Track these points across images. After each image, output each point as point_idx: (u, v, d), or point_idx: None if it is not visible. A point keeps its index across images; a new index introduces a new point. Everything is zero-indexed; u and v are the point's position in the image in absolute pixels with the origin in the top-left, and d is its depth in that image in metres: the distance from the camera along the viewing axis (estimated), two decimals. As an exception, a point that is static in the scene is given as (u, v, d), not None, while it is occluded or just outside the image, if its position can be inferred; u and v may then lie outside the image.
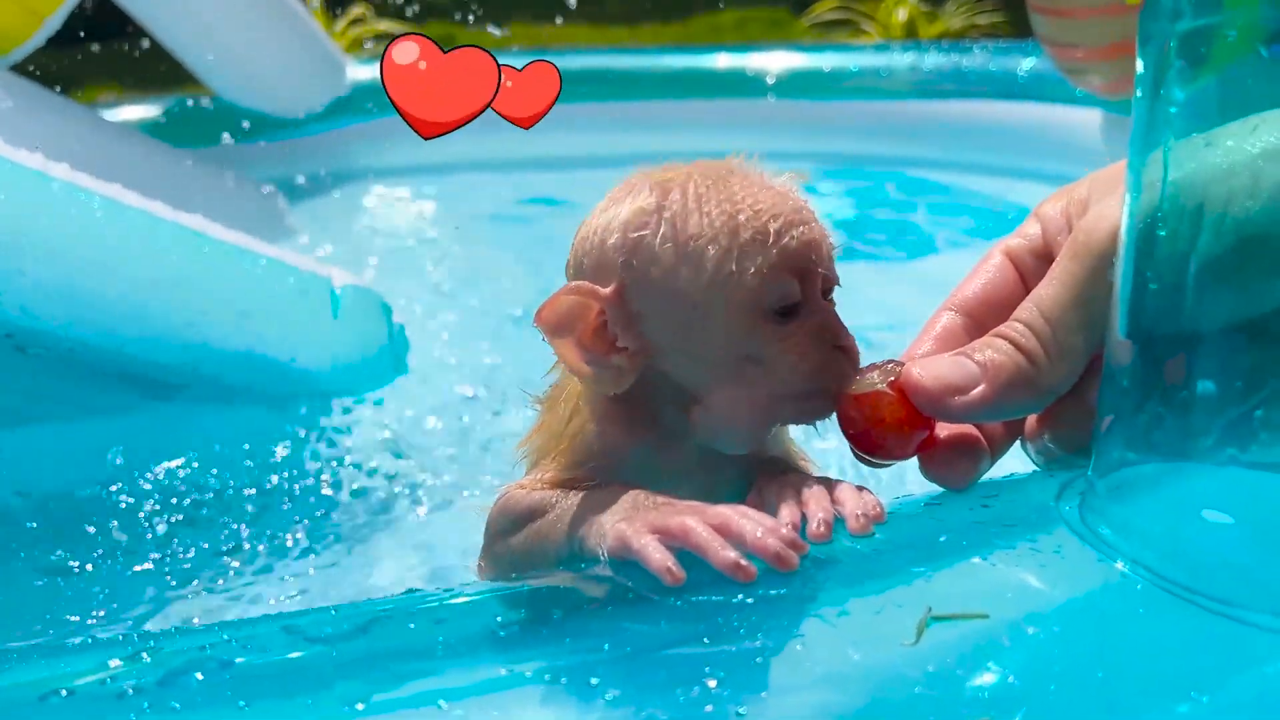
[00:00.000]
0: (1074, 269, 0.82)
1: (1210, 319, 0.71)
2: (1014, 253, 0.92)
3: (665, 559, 0.70)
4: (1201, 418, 0.72)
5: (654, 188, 0.87)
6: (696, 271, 0.83)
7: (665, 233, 0.84)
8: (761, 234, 0.83)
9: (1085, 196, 0.88)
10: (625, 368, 0.86)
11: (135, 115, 4.44)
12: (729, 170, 0.88)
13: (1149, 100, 0.74)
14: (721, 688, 0.63)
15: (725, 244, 0.83)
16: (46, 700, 0.64)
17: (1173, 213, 0.72)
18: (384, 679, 0.67)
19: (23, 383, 2.00)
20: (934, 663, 0.65)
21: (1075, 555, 0.75)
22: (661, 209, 0.85)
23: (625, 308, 0.86)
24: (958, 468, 0.85)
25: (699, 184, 0.86)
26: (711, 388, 0.86)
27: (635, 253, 0.85)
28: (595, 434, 0.91)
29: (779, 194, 0.87)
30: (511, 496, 0.93)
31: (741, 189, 0.86)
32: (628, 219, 0.86)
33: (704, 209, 0.84)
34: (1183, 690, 0.64)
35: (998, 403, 0.81)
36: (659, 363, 0.87)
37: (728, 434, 0.89)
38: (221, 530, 1.82)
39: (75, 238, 1.95)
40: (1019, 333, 0.81)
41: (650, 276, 0.85)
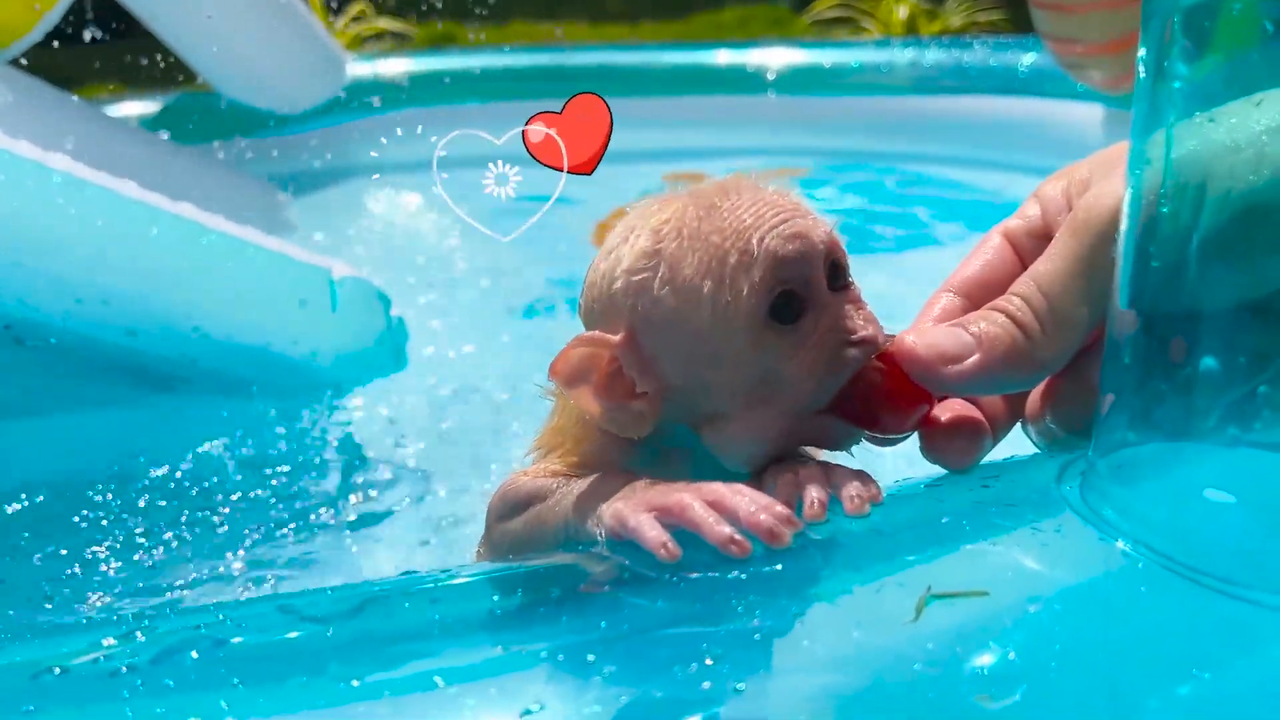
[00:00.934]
0: (1073, 245, 0.81)
1: (1213, 297, 0.71)
2: (1013, 234, 0.91)
3: (661, 535, 0.70)
4: (1204, 397, 0.71)
5: (650, 232, 0.86)
6: (697, 309, 0.83)
7: (663, 275, 0.84)
8: (746, 252, 0.82)
9: (1086, 176, 0.87)
10: (646, 412, 0.86)
11: (136, 111, 4.44)
12: (722, 193, 0.87)
13: (1152, 77, 0.73)
14: (719, 665, 0.63)
15: (717, 276, 0.82)
16: (39, 679, 0.63)
17: (1175, 189, 0.71)
18: (379, 659, 0.67)
19: (22, 375, 2.00)
20: (934, 641, 0.64)
21: (1076, 535, 0.74)
22: (658, 252, 0.85)
23: (638, 352, 0.86)
24: (958, 447, 0.84)
25: (690, 219, 0.85)
26: (734, 414, 0.85)
27: (640, 297, 0.85)
28: (600, 437, 0.91)
29: (764, 203, 0.85)
30: (513, 482, 0.93)
31: (729, 213, 0.84)
32: (630, 264, 0.85)
33: (694, 246, 0.84)
34: (1185, 669, 0.63)
35: (991, 374, 0.80)
36: (679, 399, 0.87)
37: (742, 456, 0.87)
38: (220, 521, 1.81)
39: (74, 230, 1.95)
40: (1015, 306, 0.81)
41: (656, 319, 0.84)
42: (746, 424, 0.85)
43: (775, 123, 4.56)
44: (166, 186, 2.16)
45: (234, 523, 1.81)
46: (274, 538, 1.77)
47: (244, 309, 2.07)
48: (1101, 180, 0.84)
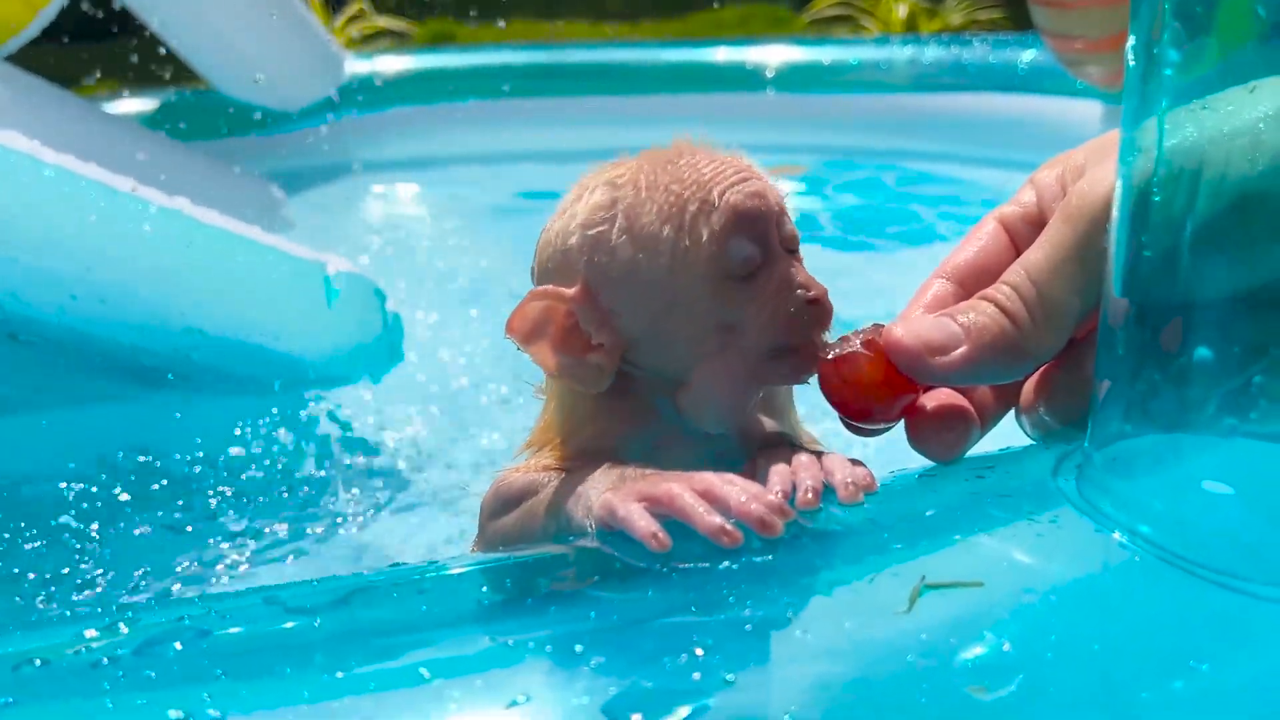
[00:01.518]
0: (1065, 232, 0.80)
1: (1208, 286, 0.70)
2: (1007, 220, 0.90)
3: (650, 525, 0.69)
4: (1200, 387, 0.70)
5: (606, 185, 0.88)
6: (654, 256, 0.84)
7: (621, 225, 0.85)
8: (706, 202, 0.84)
9: (1081, 163, 0.86)
10: (603, 364, 0.87)
11: (133, 109, 4.43)
12: (677, 153, 0.89)
13: (1142, 64, 0.72)
14: (710, 656, 0.62)
15: (676, 223, 0.84)
16: (19, 670, 0.63)
17: (1168, 177, 0.70)
18: (366, 650, 0.66)
19: (15, 371, 1.99)
20: (928, 632, 0.63)
21: (1073, 526, 0.73)
22: (615, 203, 0.86)
23: (594, 305, 0.87)
24: (944, 438, 0.83)
25: (648, 173, 0.87)
26: (692, 366, 0.86)
27: (596, 250, 0.86)
28: (590, 435, 0.91)
29: (722, 162, 0.87)
30: (504, 479, 0.93)
31: (687, 168, 0.86)
32: (585, 218, 0.87)
33: (654, 196, 0.85)
34: (1182, 661, 0.63)
35: (979, 365, 0.79)
36: (636, 354, 0.88)
37: (714, 410, 0.88)
38: (214, 517, 1.81)
39: (69, 226, 1.94)
40: (1004, 295, 0.80)
41: (613, 271, 0.86)
42: (707, 375, 0.85)
43: (775, 120, 4.55)
44: (163, 183, 2.15)
45: (228, 518, 1.81)
46: (268, 533, 1.76)
47: (239, 304, 2.06)
48: (1096, 166, 0.83)
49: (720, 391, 0.86)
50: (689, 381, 0.87)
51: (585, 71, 4.93)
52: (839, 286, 0.91)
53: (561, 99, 4.72)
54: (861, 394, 0.82)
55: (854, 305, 2.74)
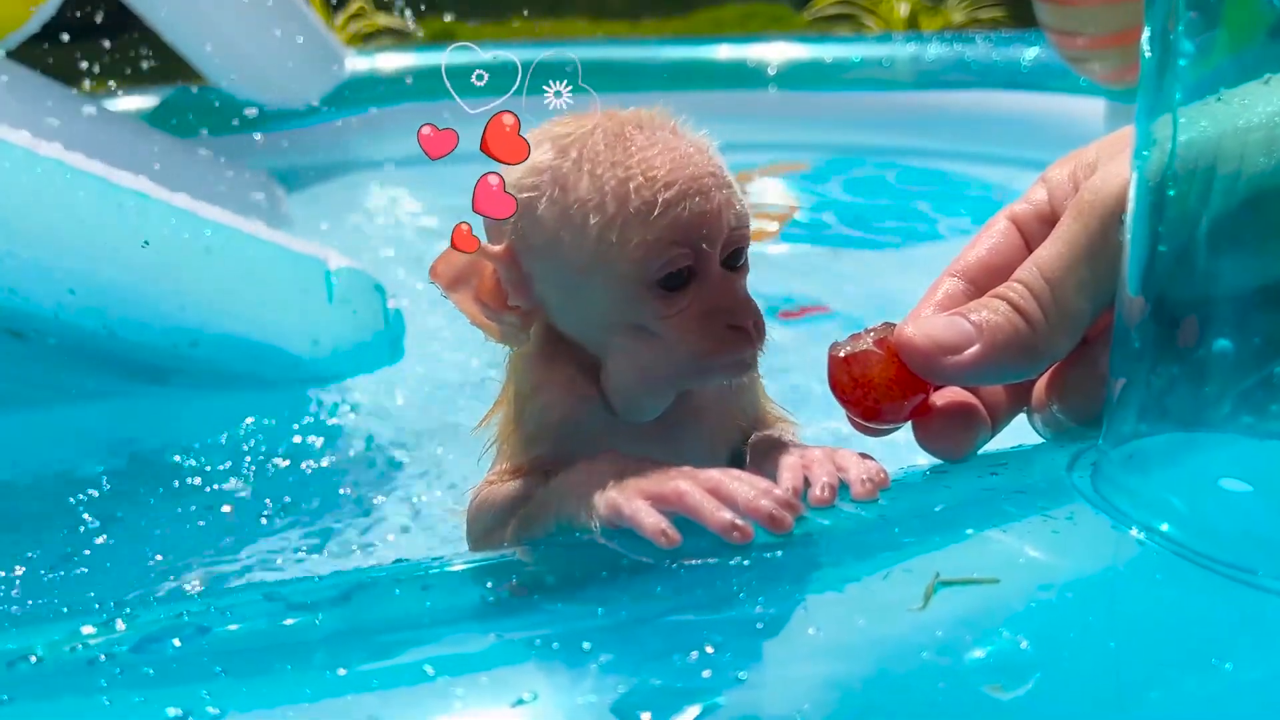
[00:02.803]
0: (1077, 229, 0.79)
1: (1224, 280, 0.69)
2: (1019, 218, 0.88)
3: (659, 522, 0.68)
4: (1217, 383, 0.69)
5: (552, 144, 0.83)
6: (579, 238, 0.81)
7: (551, 195, 0.82)
8: (649, 204, 0.79)
9: (1093, 160, 0.85)
10: (519, 324, 0.86)
11: (134, 105, 4.43)
12: (637, 126, 0.83)
13: (1158, 56, 0.71)
14: (720, 654, 0.60)
15: (610, 211, 0.80)
16: (14, 667, 0.61)
17: (1183, 171, 0.69)
18: (368, 648, 0.65)
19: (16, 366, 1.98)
20: (943, 629, 0.62)
21: (1088, 523, 0.72)
22: (553, 169, 0.82)
23: (516, 267, 0.85)
24: (953, 438, 0.82)
25: (596, 142, 0.82)
26: (607, 354, 0.85)
27: (523, 215, 0.83)
28: (541, 407, 0.89)
29: (681, 156, 0.81)
30: (487, 492, 0.91)
31: (640, 150, 0.81)
32: (519, 178, 0.83)
33: (595, 171, 0.81)
34: (1202, 658, 0.61)
35: (992, 364, 0.78)
36: (549, 320, 0.86)
37: (629, 400, 0.87)
38: (213, 513, 1.79)
39: (67, 220, 1.93)
40: (1017, 293, 0.79)
41: (536, 239, 0.83)
42: (621, 366, 0.84)
43: (776, 118, 4.54)
44: (164, 180, 2.14)
45: (229, 515, 1.79)
46: (269, 529, 1.75)
47: (240, 300, 2.05)
48: (1108, 163, 0.82)
49: (637, 387, 0.85)
50: (607, 366, 0.85)
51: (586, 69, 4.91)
52: (841, 285, 0.89)
53: (562, 96, 4.70)
54: (872, 393, 0.81)
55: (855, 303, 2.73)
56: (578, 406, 0.87)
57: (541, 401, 0.88)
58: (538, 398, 0.88)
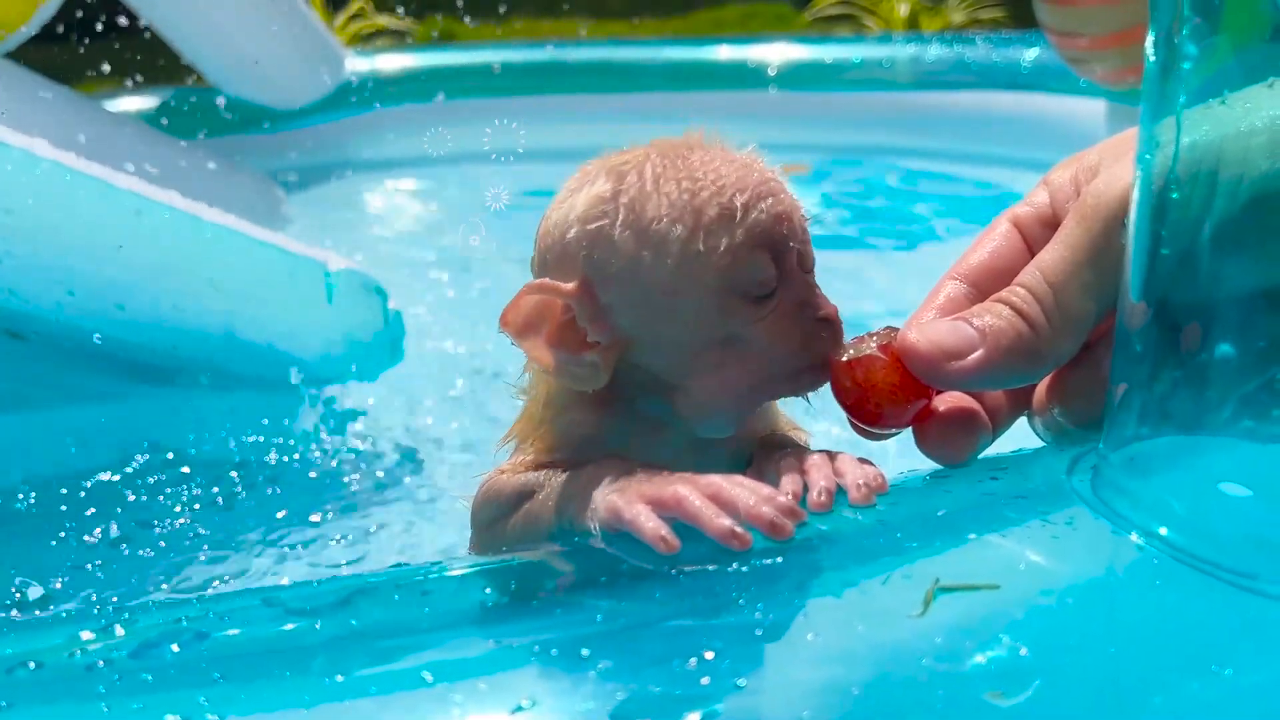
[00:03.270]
0: (1079, 233, 0.78)
1: (1227, 284, 0.68)
2: (1021, 221, 0.88)
3: (659, 528, 0.68)
4: (1219, 387, 0.69)
5: (609, 174, 0.83)
6: (660, 256, 0.80)
7: (624, 219, 0.81)
8: (727, 210, 0.80)
9: (1095, 163, 0.85)
10: (600, 364, 0.83)
11: (134, 106, 4.42)
12: (688, 147, 0.84)
13: (1162, 59, 0.71)
14: (720, 660, 0.60)
15: (690, 224, 0.79)
16: (13, 673, 0.61)
17: (1186, 174, 0.69)
18: (367, 653, 0.65)
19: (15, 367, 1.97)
20: (943, 636, 0.62)
21: (1088, 527, 0.72)
22: (618, 195, 0.81)
23: (592, 302, 0.82)
24: (954, 442, 0.82)
25: (656, 164, 0.82)
26: (692, 374, 0.83)
27: (595, 244, 0.81)
28: (569, 422, 0.88)
29: (743, 166, 0.83)
30: (495, 482, 0.90)
31: (702, 165, 0.82)
32: (585, 210, 0.82)
33: (663, 189, 0.80)
34: (1201, 664, 0.61)
35: (996, 369, 0.77)
36: (634, 354, 0.84)
37: (713, 419, 0.85)
38: (213, 515, 1.79)
39: (66, 221, 1.92)
40: (1020, 297, 0.78)
41: (613, 267, 0.81)
42: (710, 387, 0.83)
43: (777, 118, 4.53)
44: (164, 181, 2.14)
45: (227, 517, 1.79)
46: (268, 532, 1.75)
47: (240, 301, 2.05)
48: (1111, 166, 0.81)
49: (723, 404, 0.84)
50: (688, 387, 0.83)
51: (587, 70, 4.91)
52: (841, 286, 0.89)
53: (563, 95, 4.70)
54: (874, 398, 0.80)
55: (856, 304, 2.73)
56: (605, 425, 0.87)
57: (570, 418, 0.87)
58: (567, 414, 0.88)
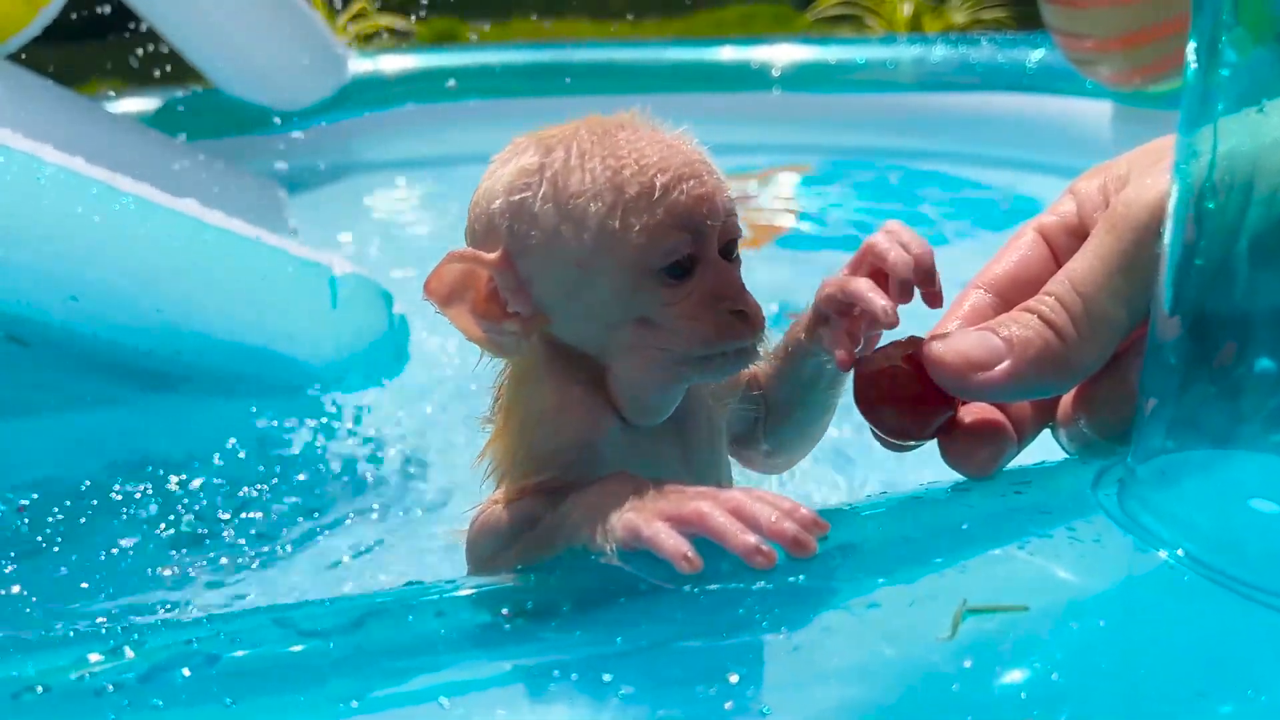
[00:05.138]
0: (1110, 242, 0.77)
1: (1262, 296, 0.67)
2: (1047, 230, 0.86)
3: (680, 545, 0.66)
4: (1252, 401, 0.68)
5: (537, 146, 0.83)
6: (578, 230, 0.80)
7: (546, 192, 0.81)
8: (647, 189, 0.80)
9: (1125, 172, 0.83)
10: (519, 333, 0.84)
11: (136, 108, 4.41)
12: (618, 125, 0.84)
13: (1203, 66, 0.69)
14: (743, 684, 0.59)
15: (609, 200, 0.80)
16: (19, 698, 0.60)
17: (1223, 184, 0.67)
18: (381, 675, 0.63)
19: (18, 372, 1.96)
20: (971, 658, 0.60)
21: (1116, 544, 0.70)
22: (543, 168, 0.82)
23: (513, 273, 0.83)
24: (978, 455, 0.80)
25: (584, 140, 0.82)
26: (610, 353, 0.84)
27: (518, 216, 0.82)
28: (554, 426, 0.86)
29: (669, 146, 0.83)
30: (491, 514, 0.88)
31: (628, 143, 0.82)
32: (510, 181, 0.83)
33: (586, 165, 0.81)
34: (1235, 686, 0.60)
35: (1023, 380, 0.76)
36: (555, 329, 0.85)
37: (637, 403, 0.86)
38: (218, 522, 1.78)
39: (69, 225, 1.91)
40: (1049, 307, 0.77)
41: (533, 239, 0.82)
42: (627, 367, 0.83)
43: (780, 120, 4.53)
44: (166, 183, 2.13)
45: (233, 524, 1.78)
46: (274, 540, 1.73)
47: (244, 306, 2.04)
48: (1141, 175, 0.80)
49: (642, 386, 0.85)
50: (613, 369, 0.84)
51: (588, 71, 4.90)
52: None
53: (564, 97, 4.70)
54: (899, 410, 0.79)
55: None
56: (594, 427, 0.86)
57: (555, 425, 0.86)
58: (551, 421, 0.86)
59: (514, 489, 0.88)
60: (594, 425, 0.86)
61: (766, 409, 0.99)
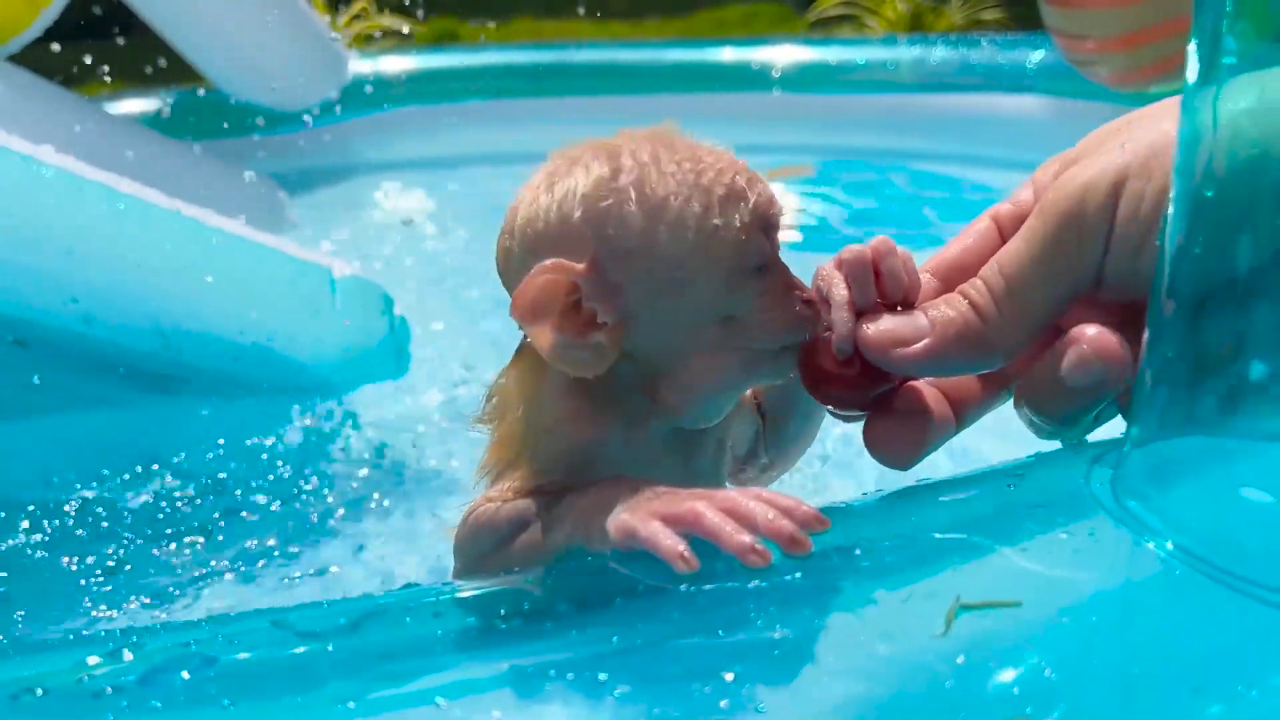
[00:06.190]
0: (1037, 226, 0.80)
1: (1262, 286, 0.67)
2: (1000, 217, 0.90)
3: (677, 545, 0.66)
4: (1250, 392, 0.68)
5: (600, 158, 0.83)
6: (677, 230, 0.81)
7: (635, 198, 0.81)
8: (734, 189, 0.82)
9: (1076, 156, 0.85)
10: (606, 344, 0.82)
11: (135, 108, 4.42)
12: (668, 134, 0.86)
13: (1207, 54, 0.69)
14: (738, 682, 0.59)
15: (703, 201, 0.81)
16: (19, 699, 0.60)
17: (1224, 170, 0.68)
18: (378, 676, 0.64)
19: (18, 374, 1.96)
20: (964, 654, 0.61)
21: (1110, 539, 0.70)
22: (618, 174, 0.82)
23: (603, 280, 0.82)
24: (897, 447, 0.83)
25: (647, 148, 0.83)
26: (686, 355, 0.84)
27: (607, 222, 0.81)
28: (559, 434, 0.87)
29: (725, 154, 0.85)
30: (484, 512, 0.88)
31: (691, 149, 0.84)
32: (588, 190, 0.82)
33: (665, 169, 0.82)
34: (1229, 683, 0.60)
35: (940, 357, 0.79)
36: (634, 336, 0.83)
37: (700, 405, 0.86)
38: (219, 525, 1.78)
39: (69, 227, 1.91)
40: (976, 289, 0.80)
41: (627, 243, 0.81)
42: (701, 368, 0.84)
43: (781, 120, 4.52)
44: (166, 184, 2.13)
45: (232, 528, 1.78)
46: (274, 544, 1.74)
47: (245, 308, 2.04)
48: (1086, 159, 0.81)
49: (710, 387, 0.85)
50: (678, 371, 0.84)
51: (589, 71, 4.90)
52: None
53: (565, 97, 4.70)
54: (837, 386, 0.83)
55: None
56: (598, 437, 0.86)
57: (562, 433, 0.86)
58: (558, 430, 0.86)
59: (510, 489, 0.87)
60: (599, 436, 0.86)
61: (764, 419, 1.00)
